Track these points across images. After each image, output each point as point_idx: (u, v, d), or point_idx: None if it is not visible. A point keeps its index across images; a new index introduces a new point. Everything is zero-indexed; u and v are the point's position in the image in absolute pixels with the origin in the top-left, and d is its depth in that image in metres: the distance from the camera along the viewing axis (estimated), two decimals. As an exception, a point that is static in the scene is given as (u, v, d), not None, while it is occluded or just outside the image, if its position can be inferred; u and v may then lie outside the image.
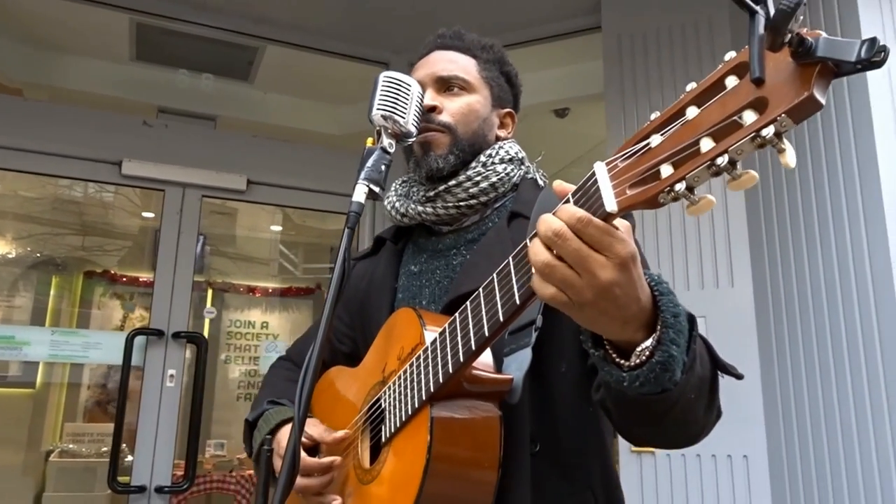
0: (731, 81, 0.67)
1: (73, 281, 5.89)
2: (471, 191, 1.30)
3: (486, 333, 0.92)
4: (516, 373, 1.05)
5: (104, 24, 4.08)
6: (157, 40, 4.16)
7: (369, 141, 1.24)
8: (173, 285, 3.72)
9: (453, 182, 1.30)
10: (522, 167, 1.37)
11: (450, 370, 0.98)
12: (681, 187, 0.68)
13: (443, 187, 1.31)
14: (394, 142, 1.23)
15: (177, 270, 3.74)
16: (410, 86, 1.24)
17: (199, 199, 3.87)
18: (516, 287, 0.86)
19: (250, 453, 1.35)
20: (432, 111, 1.31)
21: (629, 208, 0.73)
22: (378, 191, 1.17)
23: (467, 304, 0.98)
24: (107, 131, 3.77)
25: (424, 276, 1.34)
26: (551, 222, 0.76)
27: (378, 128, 1.23)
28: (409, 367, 1.08)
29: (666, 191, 0.69)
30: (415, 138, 1.25)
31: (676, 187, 0.68)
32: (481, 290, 0.94)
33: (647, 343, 0.82)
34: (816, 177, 2.81)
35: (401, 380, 1.10)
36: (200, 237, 4.26)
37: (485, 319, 0.93)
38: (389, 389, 1.14)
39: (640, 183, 0.72)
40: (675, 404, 0.86)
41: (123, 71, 4.49)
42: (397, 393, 1.11)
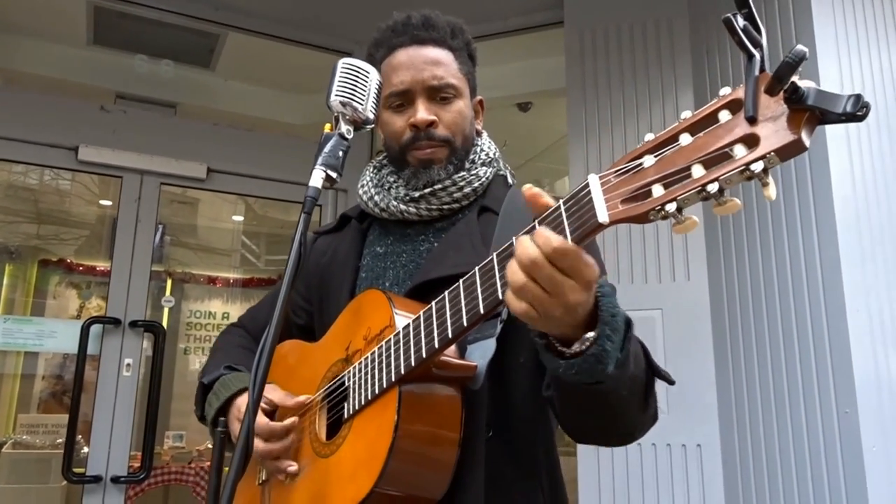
0: (724, 115, 0.73)
1: (27, 269, 5.77)
2: (455, 195, 1.32)
3: (465, 324, 0.96)
4: (480, 360, 1.09)
5: (60, 6, 4.00)
6: (115, 24, 4.08)
7: (327, 127, 1.24)
8: (130, 273, 3.66)
9: (439, 186, 1.31)
10: (496, 166, 1.40)
11: (423, 355, 1.01)
12: (671, 207, 0.74)
13: (429, 191, 1.31)
14: (352, 128, 1.23)
15: (134, 259, 3.68)
16: (369, 73, 1.24)
17: (157, 187, 3.81)
18: (499, 284, 0.90)
19: (201, 417, 1.35)
20: (431, 126, 1.30)
21: (620, 221, 0.78)
22: (335, 176, 1.17)
23: (445, 294, 1.00)
24: (63, 116, 3.68)
25: (390, 258, 1.34)
26: (529, 250, 0.82)
27: (336, 114, 1.23)
28: (379, 349, 1.10)
29: (657, 209, 0.75)
30: (412, 153, 1.30)
31: (667, 207, 0.74)
32: (461, 283, 0.97)
33: (588, 335, 0.89)
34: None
35: (368, 360, 1.12)
36: (160, 226, 4.20)
37: (464, 311, 0.96)
38: (355, 368, 1.16)
39: (632, 199, 0.77)
40: (607, 396, 0.93)
41: (80, 55, 4.39)
42: (363, 372, 1.13)
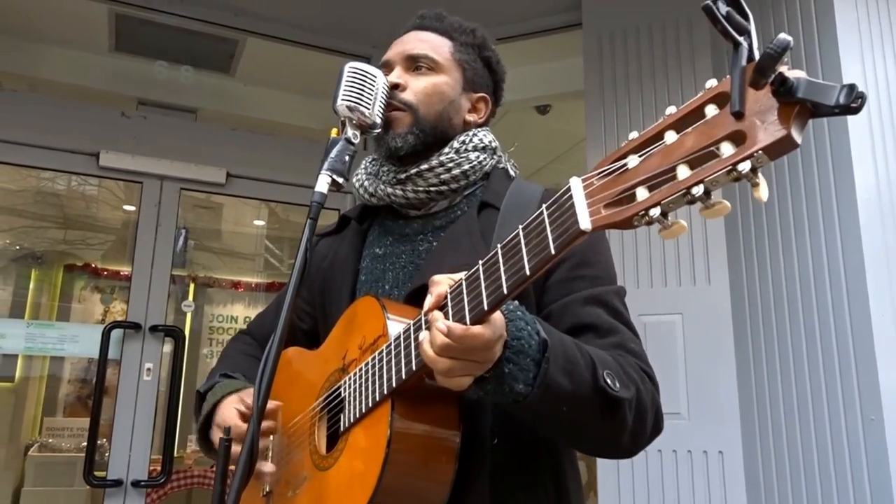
0: (711, 110, 0.67)
1: (52, 274, 5.85)
2: (442, 177, 1.28)
3: None
4: None
5: (83, 14, 4.04)
6: (136, 31, 4.13)
7: (334, 131, 1.23)
8: (151, 278, 3.69)
9: (425, 166, 1.28)
10: (495, 156, 1.36)
11: (413, 368, 0.98)
12: (655, 212, 0.69)
13: (414, 171, 1.28)
14: (358, 132, 1.23)
15: (154, 263, 3.72)
16: (376, 77, 1.24)
17: (177, 192, 3.85)
18: (485, 294, 0.87)
19: (197, 423, 1.35)
20: (395, 88, 1.29)
21: (602, 228, 0.74)
22: (341, 181, 1.17)
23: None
24: (85, 122, 3.73)
25: (389, 259, 1.32)
26: (437, 339, 0.89)
27: (343, 118, 1.23)
28: (372, 360, 1.08)
29: (640, 214, 0.70)
30: (380, 125, 1.25)
31: (651, 212, 0.69)
32: (449, 293, 0.94)
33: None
34: (793, 177, 2.83)
35: (362, 371, 1.10)
36: (182, 231, 4.24)
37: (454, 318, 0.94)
38: (350, 379, 1.13)
39: (615, 204, 0.73)
40: (541, 413, 0.96)
41: (102, 62, 4.45)
42: (357, 384, 1.10)
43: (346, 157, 1.19)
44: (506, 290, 0.85)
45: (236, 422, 1.20)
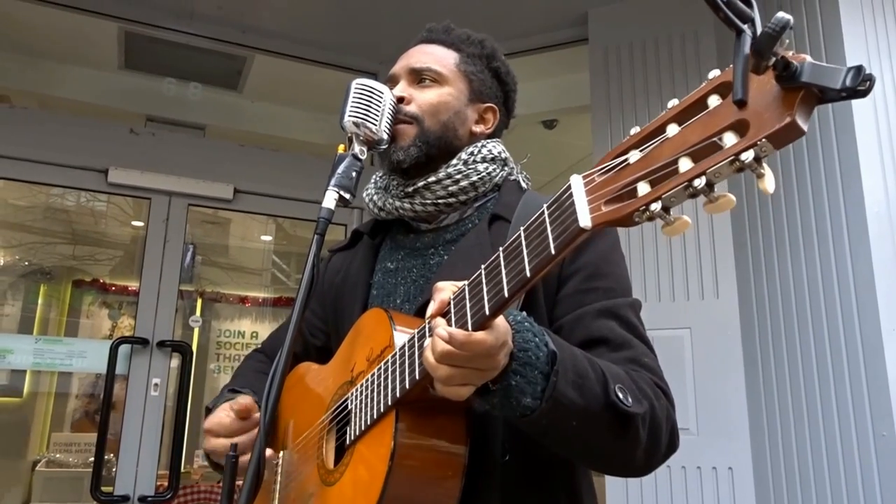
0: (714, 101, 0.65)
1: (61, 290, 5.87)
2: (450, 189, 1.27)
3: None
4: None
5: (93, 33, 4.09)
6: (145, 48, 4.17)
7: (341, 147, 1.24)
8: (158, 294, 3.70)
9: (433, 179, 1.27)
10: (506, 168, 1.34)
11: (416, 377, 0.95)
12: (656, 207, 0.66)
13: (422, 183, 1.27)
14: (365, 149, 1.23)
15: (162, 279, 3.73)
16: (383, 93, 1.24)
17: (185, 208, 3.87)
18: (486, 299, 0.85)
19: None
20: (400, 101, 1.29)
21: (603, 225, 0.71)
22: (348, 197, 1.17)
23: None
24: (94, 139, 3.76)
25: (400, 273, 1.31)
26: (437, 346, 0.87)
27: (350, 134, 1.23)
28: (378, 371, 1.06)
29: (641, 210, 0.67)
30: (387, 141, 1.25)
31: (652, 207, 0.67)
32: (452, 299, 0.92)
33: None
34: (801, 190, 2.82)
35: (368, 382, 1.08)
36: (190, 246, 4.25)
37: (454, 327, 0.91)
38: (356, 391, 1.12)
39: (616, 200, 0.70)
40: (549, 428, 0.93)
41: (112, 79, 4.50)
42: (364, 395, 1.09)
43: (354, 173, 1.19)
44: (507, 294, 0.82)
45: (220, 417, 1.20)
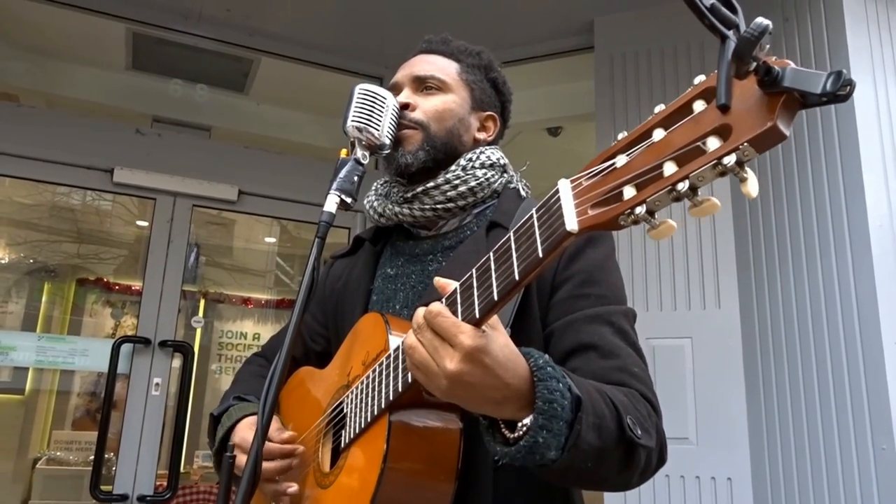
0: (699, 106, 0.66)
1: (65, 288, 5.88)
2: (448, 194, 1.28)
3: None
4: None
5: (100, 33, 4.11)
6: (152, 50, 4.19)
7: (343, 152, 1.25)
8: (161, 294, 3.72)
9: (431, 184, 1.28)
10: (505, 175, 1.35)
11: (409, 380, 0.96)
12: (641, 210, 0.67)
13: (420, 189, 1.28)
14: (367, 153, 1.24)
15: (165, 279, 3.74)
16: (385, 99, 1.25)
17: (189, 209, 3.88)
18: (477, 301, 0.85)
19: (213, 447, 1.34)
20: (405, 108, 1.30)
21: (590, 229, 0.72)
22: (350, 201, 1.18)
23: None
24: (100, 139, 3.79)
25: (400, 279, 1.32)
26: (418, 314, 0.88)
27: (352, 139, 1.24)
28: (372, 374, 1.07)
29: (626, 213, 0.68)
30: (389, 146, 1.26)
31: (637, 210, 0.67)
32: (444, 301, 0.93)
33: (525, 421, 0.87)
34: (804, 200, 2.82)
35: (363, 385, 1.09)
36: (194, 247, 4.26)
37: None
38: (352, 394, 1.13)
39: (603, 203, 0.71)
40: (566, 472, 0.89)
41: (119, 80, 4.52)
42: (358, 399, 1.10)
43: (355, 178, 1.19)
44: (496, 297, 0.83)
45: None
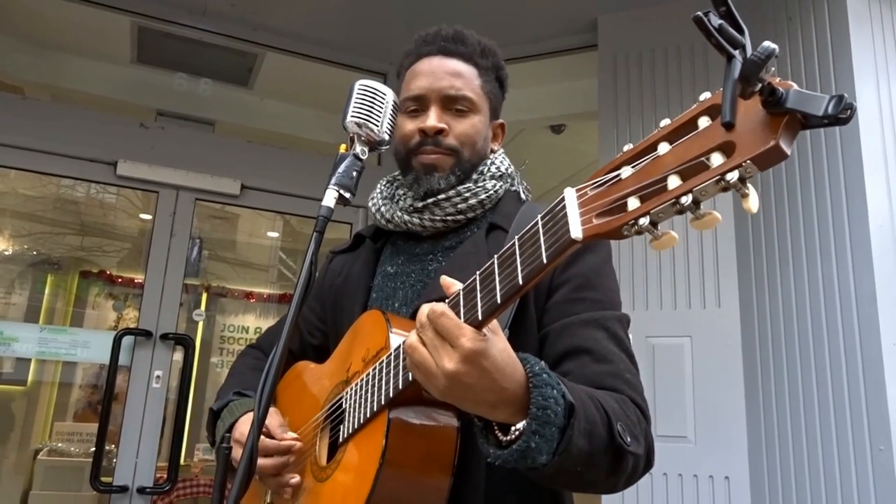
0: (704, 122, 0.68)
1: (68, 280, 5.90)
2: (459, 206, 1.30)
3: None
4: None
5: (105, 26, 4.12)
6: (157, 44, 4.20)
7: (342, 147, 1.26)
8: (163, 287, 3.73)
9: (443, 196, 1.30)
10: (509, 181, 1.37)
11: (409, 378, 0.98)
12: (644, 222, 0.69)
13: (432, 200, 1.30)
14: (366, 149, 1.25)
15: (167, 272, 3.76)
16: (385, 95, 1.26)
17: (192, 202, 3.90)
18: (480, 304, 0.87)
19: (212, 443, 1.35)
20: (439, 134, 1.30)
21: (594, 237, 0.75)
22: (348, 196, 1.19)
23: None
24: (104, 132, 3.79)
25: (399, 278, 1.34)
26: (422, 312, 0.89)
27: (352, 134, 1.25)
28: (373, 371, 1.09)
29: (630, 224, 0.71)
30: (417, 158, 1.29)
31: (640, 221, 0.70)
32: (446, 303, 0.94)
33: (519, 426, 0.89)
34: (805, 199, 2.82)
35: (363, 382, 1.11)
36: (196, 241, 4.27)
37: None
38: (351, 390, 1.15)
39: (607, 213, 0.74)
40: (556, 475, 0.92)
41: (123, 73, 4.53)
42: (358, 395, 1.11)
43: (354, 173, 1.20)
44: (499, 300, 0.84)
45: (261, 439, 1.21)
